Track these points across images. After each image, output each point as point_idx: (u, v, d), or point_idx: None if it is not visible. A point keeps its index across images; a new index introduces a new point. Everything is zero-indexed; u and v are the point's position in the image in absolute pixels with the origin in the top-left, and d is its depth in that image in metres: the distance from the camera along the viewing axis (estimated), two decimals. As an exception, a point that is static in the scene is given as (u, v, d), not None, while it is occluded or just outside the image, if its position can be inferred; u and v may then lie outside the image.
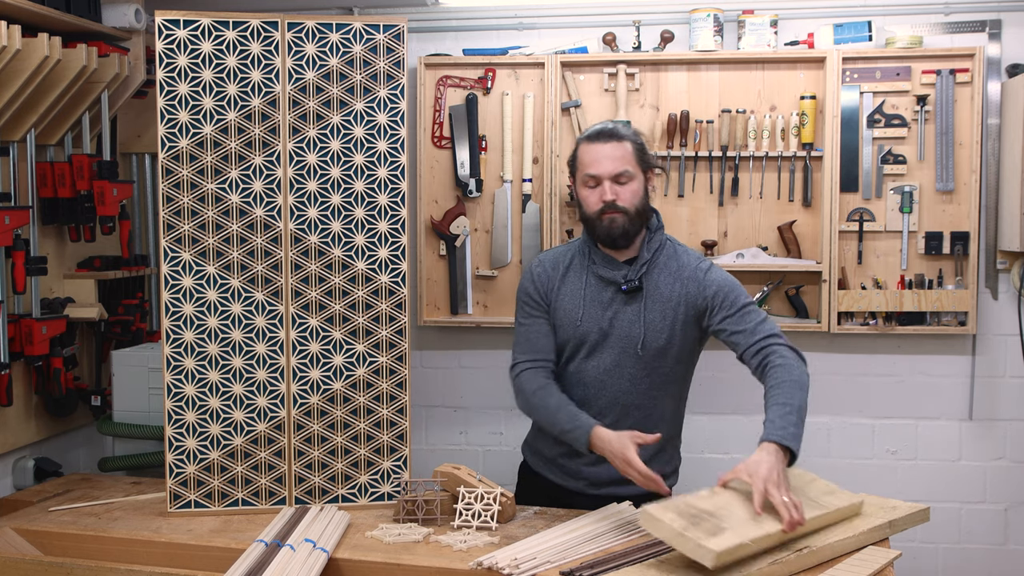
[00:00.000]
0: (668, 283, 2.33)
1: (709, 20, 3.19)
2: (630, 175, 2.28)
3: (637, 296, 2.32)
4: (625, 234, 2.29)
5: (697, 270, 2.34)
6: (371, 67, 2.39)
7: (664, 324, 2.31)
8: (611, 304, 2.33)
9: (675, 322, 2.32)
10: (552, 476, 2.45)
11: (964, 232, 3.18)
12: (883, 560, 1.93)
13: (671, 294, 2.32)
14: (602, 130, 2.31)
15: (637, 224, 2.30)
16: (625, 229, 2.28)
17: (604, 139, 2.28)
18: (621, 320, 2.32)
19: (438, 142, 3.37)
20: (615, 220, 2.27)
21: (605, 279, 2.34)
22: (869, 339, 3.32)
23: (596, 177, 2.28)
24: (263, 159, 2.37)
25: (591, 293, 2.35)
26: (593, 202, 2.29)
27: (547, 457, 2.45)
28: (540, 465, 2.48)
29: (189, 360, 2.38)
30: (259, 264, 2.38)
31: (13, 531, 2.27)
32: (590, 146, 2.30)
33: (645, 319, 2.31)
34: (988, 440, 3.31)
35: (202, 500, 2.39)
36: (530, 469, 2.53)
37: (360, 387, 2.43)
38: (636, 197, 2.28)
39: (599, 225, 2.29)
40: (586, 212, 2.32)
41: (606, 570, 1.90)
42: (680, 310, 2.32)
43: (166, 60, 2.32)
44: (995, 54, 3.17)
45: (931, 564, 3.35)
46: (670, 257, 2.36)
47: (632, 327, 2.32)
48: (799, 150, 3.23)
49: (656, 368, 2.34)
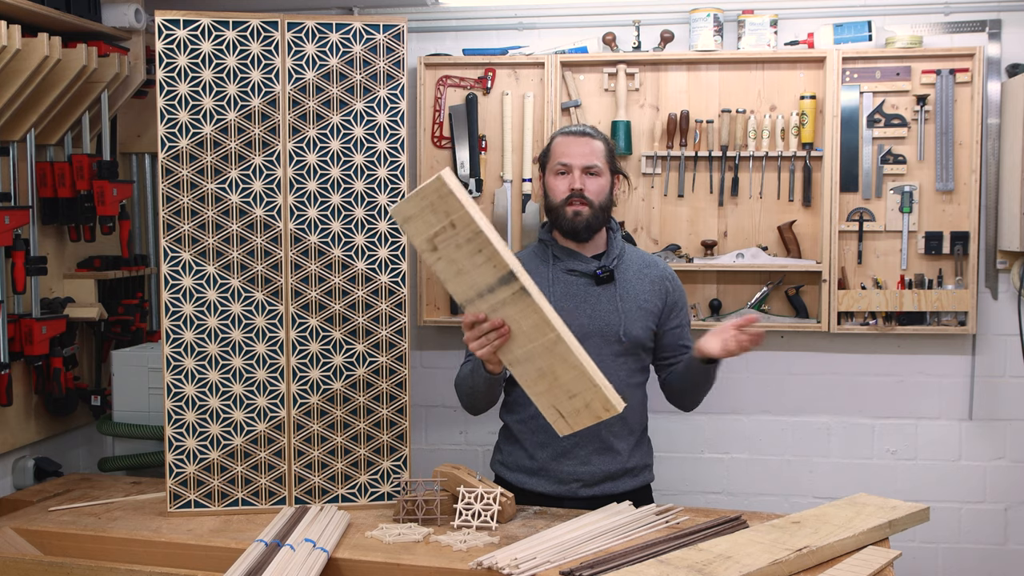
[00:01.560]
0: (637, 278, 2.43)
1: (709, 20, 3.19)
2: (599, 170, 2.38)
3: (610, 287, 2.39)
4: (588, 227, 2.37)
5: (666, 271, 2.49)
6: (371, 67, 2.39)
7: (639, 314, 2.40)
8: (585, 297, 2.39)
9: (649, 314, 2.41)
10: (540, 487, 2.41)
11: (964, 232, 3.18)
12: (883, 560, 1.93)
13: (641, 288, 2.42)
14: (579, 128, 2.44)
15: (600, 219, 2.38)
16: (589, 222, 2.36)
17: (578, 134, 2.40)
18: (598, 311, 2.38)
19: (438, 142, 3.37)
20: (580, 213, 2.35)
21: (575, 271, 2.40)
22: (869, 339, 3.32)
23: (567, 165, 2.37)
24: (263, 159, 2.37)
25: (560, 288, 2.39)
26: (561, 190, 2.37)
27: (531, 468, 2.42)
28: (524, 479, 2.43)
29: (189, 360, 2.38)
30: (259, 264, 2.38)
31: (13, 531, 2.27)
32: (564, 138, 2.41)
33: (622, 308, 2.38)
34: (988, 440, 3.31)
35: (202, 500, 2.39)
36: (508, 486, 2.43)
37: (360, 387, 2.43)
38: (602, 193, 2.38)
39: (563, 215, 2.37)
40: (553, 201, 2.39)
41: (606, 570, 1.90)
42: (653, 303, 2.42)
43: (166, 60, 2.32)
44: (995, 54, 3.17)
45: (931, 564, 3.35)
46: (633, 255, 2.48)
47: (611, 316, 2.38)
48: (799, 150, 3.23)
49: (633, 356, 2.41)
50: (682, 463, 3.44)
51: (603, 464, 2.39)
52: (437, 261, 2.00)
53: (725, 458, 3.43)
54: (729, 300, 3.31)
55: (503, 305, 2.01)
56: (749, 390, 3.41)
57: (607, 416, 2.07)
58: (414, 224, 1.99)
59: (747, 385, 3.41)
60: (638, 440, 2.46)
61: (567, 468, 2.39)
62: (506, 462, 2.49)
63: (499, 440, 2.56)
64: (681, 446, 3.44)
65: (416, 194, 1.95)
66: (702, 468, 3.44)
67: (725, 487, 3.43)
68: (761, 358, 3.36)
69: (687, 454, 3.46)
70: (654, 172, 3.30)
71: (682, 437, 3.43)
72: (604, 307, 2.38)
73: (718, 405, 3.38)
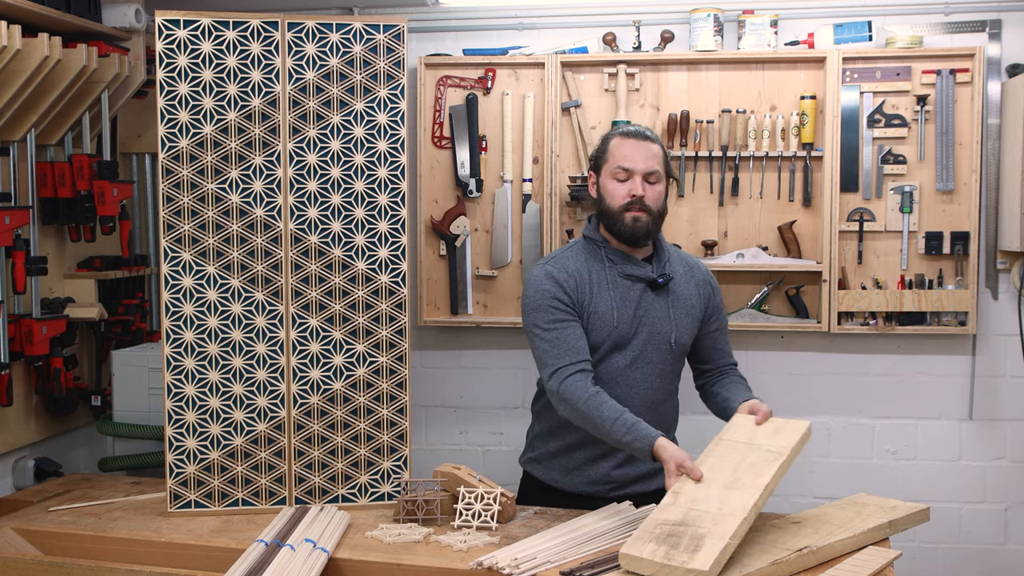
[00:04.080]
0: (684, 281, 2.41)
1: (709, 20, 3.19)
2: (659, 176, 2.32)
3: (663, 292, 2.37)
4: (647, 234, 2.32)
5: (708, 274, 2.48)
6: (371, 67, 2.39)
7: (688, 320, 2.39)
8: (640, 302, 2.35)
9: (695, 319, 2.41)
10: (573, 487, 2.41)
11: (964, 232, 3.17)
12: (883, 560, 1.93)
13: (688, 292, 2.40)
14: (637, 130, 2.35)
15: (657, 226, 2.35)
16: (648, 229, 2.31)
17: (639, 137, 2.33)
18: (651, 317, 2.35)
19: (438, 142, 3.37)
20: (639, 219, 2.29)
21: (633, 276, 2.35)
22: (869, 339, 3.32)
23: (629, 171, 2.30)
24: (263, 159, 2.37)
25: (620, 293, 2.35)
26: (621, 195, 2.30)
27: (569, 468, 2.42)
28: (558, 478, 2.43)
29: (189, 360, 2.38)
30: (259, 264, 2.38)
31: (13, 531, 2.27)
32: (625, 140, 2.33)
33: (673, 315, 2.36)
34: (988, 440, 3.31)
35: (202, 500, 2.39)
36: (539, 484, 2.46)
37: (360, 387, 2.43)
38: (660, 199, 2.33)
39: (622, 221, 2.30)
40: (610, 205, 2.31)
41: (606, 570, 1.90)
42: (698, 307, 2.41)
43: (166, 60, 2.32)
44: (995, 54, 3.17)
45: (931, 564, 3.35)
46: (675, 257, 2.45)
47: (663, 323, 2.36)
48: (799, 150, 3.23)
49: (679, 363, 2.43)
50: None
51: (637, 466, 2.37)
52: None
53: (725, 458, 3.43)
54: (730, 300, 3.31)
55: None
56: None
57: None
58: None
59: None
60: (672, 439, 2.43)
61: (602, 470, 2.38)
62: (540, 459, 2.47)
63: (532, 437, 2.52)
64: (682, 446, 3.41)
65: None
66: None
67: (725, 487, 3.43)
68: (761, 358, 3.36)
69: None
70: (654, 172, 3.30)
71: (682, 437, 3.40)
72: (658, 314, 2.35)
73: (718, 405, 3.38)
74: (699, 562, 1.76)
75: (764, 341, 3.36)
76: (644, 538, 1.88)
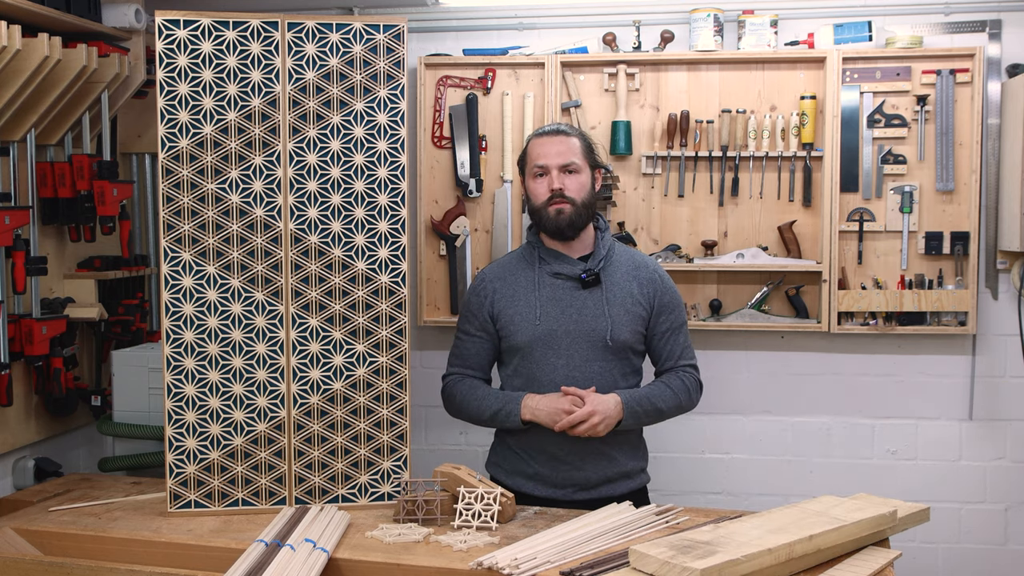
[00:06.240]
0: (625, 280, 2.42)
1: (709, 20, 3.19)
2: (577, 167, 2.37)
3: (596, 289, 2.38)
4: (572, 224, 2.36)
5: (655, 271, 2.47)
6: (371, 67, 2.39)
7: (628, 317, 2.39)
8: (571, 300, 2.38)
9: (636, 316, 2.41)
10: (537, 491, 2.43)
11: (964, 232, 3.18)
12: (883, 560, 1.93)
13: (630, 290, 2.41)
14: (551, 127, 2.44)
15: (583, 216, 2.38)
16: (572, 220, 2.36)
17: (553, 133, 2.41)
18: (584, 315, 2.37)
19: (438, 142, 3.37)
20: (563, 211, 2.35)
21: (561, 275, 2.39)
22: (869, 339, 3.32)
23: (544, 167, 2.37)
24: (263, 159, 2.37)
25: (546, 292, 2.39)
26: (541, 192, 2.37)
27: (527, 473, 2.44)
28: (521, 483, 2.45)
29: (189, 360, 2.38)
30: (259, 264, 2.38)
31: (13, 531, 2.27)
32: (539, 139, 2.42)
33: (609, 312, 2.37)
34: (988, 440, 3.31)
35: (202, 500, 2.39)
36: (506, 489, 2.43)
37: (360, 387, 2.43)
38: (583, 189, 2.37)
39: (546, 215, 2.37)
40: (534, 203, 2.40)
41: (606, 570, 1.90)
42: (642, 305, 2.41)
43: (166, 60, 2.32)
44: (995, 54, 3.17)
45: (931, 564, 3.35)
46: (622, 255, 2.46)
47: (598, 320, 2.37)
48: (799, 150, 3.23)
49: (623, 359, 2.41)
50: (682, 463, 3.44)
51: (599, 469, 2.39)
52: None
53: (725, 458, 3.43)
54: (729, 300, 3.31)
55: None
56: (749, 390, 3.41)
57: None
58: None
59: (747, 385, 3.41)
60: (634, 445, 2.47)
61: (563, 474, 2.40)
62: (502, 465, 2.51)
63: (494, 443, 2.58)
64: (681, 446, 3.44)
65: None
66: (702, 468, 3.44)
67: (725, 487, 3.43)
68: (762, 358, 3.37)
69: (687, 454, 3.45)
70: (654, 172, 3.30)
71: (682, 437, 3.43)
72: (591, 310, 2.38)
73: (718, 405, 3.38)
74: (697, 565, 1.75)
75: (764, 341, 3.36)
76: (663, 543, 1.85)
